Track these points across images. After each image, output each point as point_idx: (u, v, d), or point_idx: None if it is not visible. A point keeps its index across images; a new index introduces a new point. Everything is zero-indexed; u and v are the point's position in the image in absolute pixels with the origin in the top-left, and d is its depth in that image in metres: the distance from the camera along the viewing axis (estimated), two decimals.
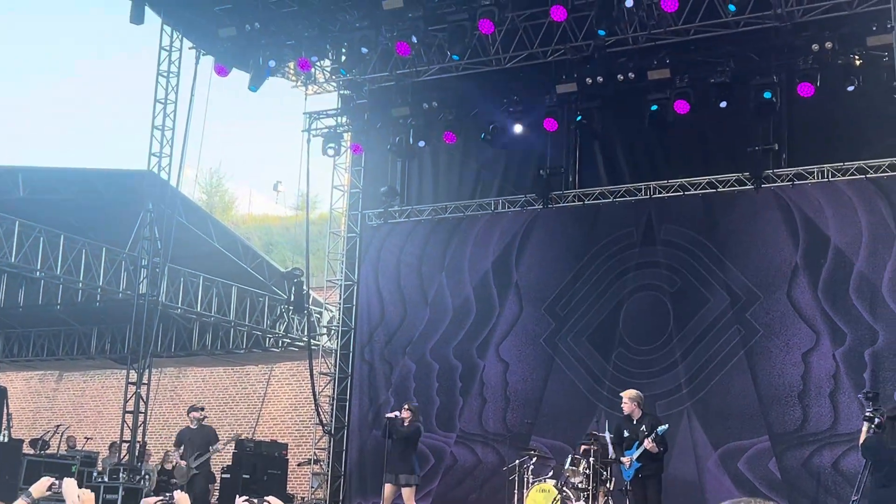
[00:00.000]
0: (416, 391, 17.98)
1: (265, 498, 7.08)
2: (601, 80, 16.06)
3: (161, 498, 6.46)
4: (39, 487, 6.32)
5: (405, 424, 14.65)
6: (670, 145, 16.82)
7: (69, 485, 6.46)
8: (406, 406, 14.80)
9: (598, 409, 15.83)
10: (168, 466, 20.26)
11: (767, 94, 15.09)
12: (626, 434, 13.04)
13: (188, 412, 16.52)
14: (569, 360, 17.00)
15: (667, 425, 12.77)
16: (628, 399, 13.13)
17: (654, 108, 15.72)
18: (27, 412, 27.80)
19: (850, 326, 15.14)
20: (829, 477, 14.77)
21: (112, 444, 19.71)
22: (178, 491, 7.78)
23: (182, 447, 15.83)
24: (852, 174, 15.64)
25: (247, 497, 8.30)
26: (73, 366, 26.28)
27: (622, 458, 13.05)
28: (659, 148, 16.98)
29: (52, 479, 6.49)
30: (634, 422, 12.98)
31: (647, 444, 12.52)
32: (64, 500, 6.56)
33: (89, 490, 6.25)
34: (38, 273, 17.14)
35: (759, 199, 16.19)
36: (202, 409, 16.58)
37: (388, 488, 14.59)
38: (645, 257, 16.87)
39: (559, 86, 16.43)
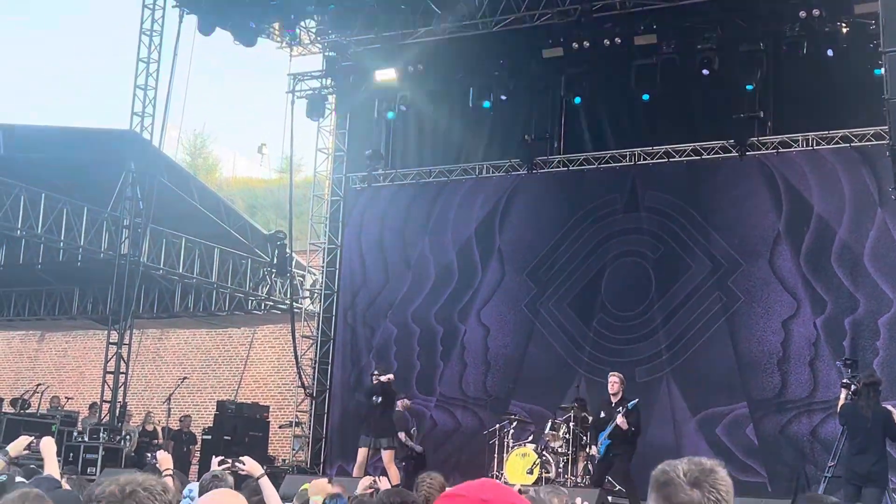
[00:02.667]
0: (397, 355, 17.99)
1: (240, 458, 7.10)
2: (587, 45, 16.01)
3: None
4: (17, 446, 6.29)
5: (389, 388, 14.79)
6: (655, 112, 16.74)
7: (47, 443, 6.44)
8: (383, 367, 14.95)
9: (578, 375, 15.86)
10: (149, 428, 20.27)
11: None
12: (602, 415, 13.09)
13: None
14: (550, 325, 17.02)
15: (637, 399, 12.83)
16: (618, 379, 13.19)
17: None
18: (9, 372, 27.72)
19: (830, 294, 15.18)
20: (807, 444, 14.86)
21: (93, 405, 19.68)
22: (161, 451, 7.78)
23: None
24: (837, 142, 15.62)
25: (223, 458, 8.33)
26: (55, 326, 26.18)
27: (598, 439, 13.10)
28: (644, 114, 16.91)
29: (31, 438, 6.47)
30: (613, 404, 13.05)
31: (619, 419, 12.58)
32: (42, 459, 6.55)
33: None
34: (18, 232, 17.02)
35: (743, 167, 16.17)
36: None
37: (362, 453, 14.63)
38: (628, 223, 16.86)
39: (545, 50, 16.37)
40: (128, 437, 18.24)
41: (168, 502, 3.20)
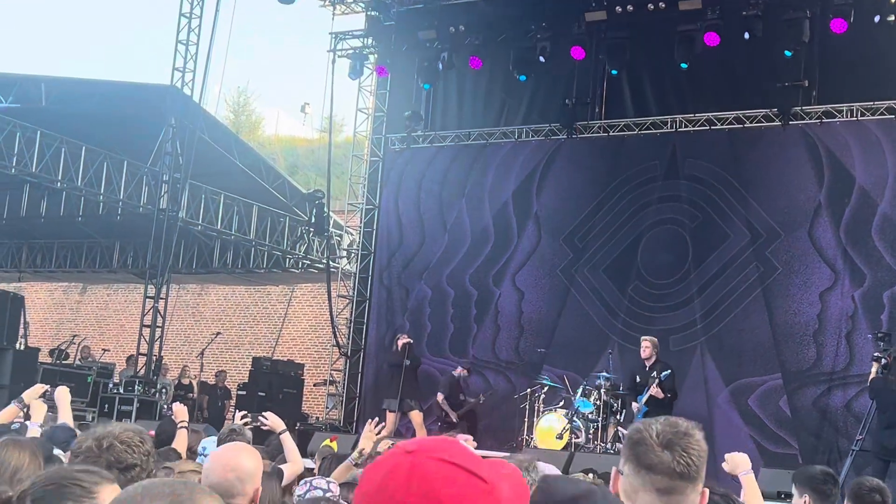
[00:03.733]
0: (431, 317, 18.02)
1: (263, 413, 7.16)
2: (631, 8, 15.82)
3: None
4: (31, 394, 6.38)
5: (412, 352, 14.97)
6: (699, 78, 16.49)
7: (61, 392, 6.52)
8: (404, 334, 15.11)
9: (612, 342, 15.80)
10: (185, 382, 20.52)
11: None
12: (637, 380, 13.19)
13: None
14: (584, 291, 16.94)
15: (669, 370, 12.86)
16: (651, 343, 13.22)
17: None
18: (51, 323, 28.13)
19: (870, 267, 14.96)
20: (840, 417, 14.70)
21: (129, 357, 19.93)
22: (177, 403, 7.85)
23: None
24: (882, 113, 15.33)
25: (245, 412, 8.40)
26: (95, 279, 26.51)
27: (633, 404, 13.20)
28: (687, 81, 16.67)
29: (46, 387, 6.56)
30: (647, 368, 13.08)
31: (653, 390, 12.63)
32: (56, 406, 6.63)
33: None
34: (58, 184, 17.20)
35: (785, 136, 15.93)
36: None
37: (392, 416, 14.79)
38: (667, 191, 16.69)
39: (588, 13, 16.18)
40: (163, 390, 18.47)
41: (147, 453, 3.21)
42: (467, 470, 1.68)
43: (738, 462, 4.83)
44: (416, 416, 15.28)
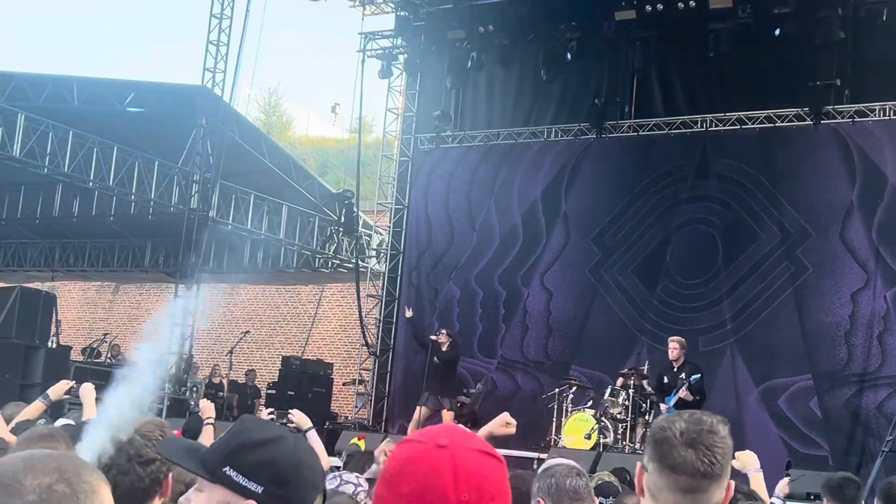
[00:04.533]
0: (460, 316, 18.01)
1: (289, 411, 7.18)
2: (661, 7, 15.75)
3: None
4: (57, 390, 6.42)
5: (444, 349, 14.89)
6: (729, 77, 16.40)
7: (86, 389, 6.57)
8: (445, 331, 14.99)
9: (641, 342, 15.76)
10: (216, 381, 20.63)
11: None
12: (665, 380, 13.14)
13: None
14: (613, 291, 16.88)
15: (700, 374, 12.81)
16: (679, 344, 13.18)
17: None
18: (84, 321, 28.37)
19: None
20: (872, 418, 14.56)
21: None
22: (204, 400, 7.90)
23: None
24: None
25: (272, 409, 8.43)
26: (127, 278, 26.70)
27: (661, 405, 13.16)
28: (717, 80, 16.59)
29: (71, 383, 6.60)
30: (675, 369, 13.04)
31: (682, 392, 12.60)
32: (81, 403, 6.68)
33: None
34: (90, 183, 17.35)
35: (817, 136, 15.80)
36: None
37: (421, 411, 14.86)
38: (697, 190, 16.61)
39: (618, 13, 16.13)
40: (194, 388, 18.57)
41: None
42: (492, 455, 1.76)
43: (747, 460, 4.93)
44: (445, 415, 15.29)
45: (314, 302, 25.54)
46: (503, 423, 5.05)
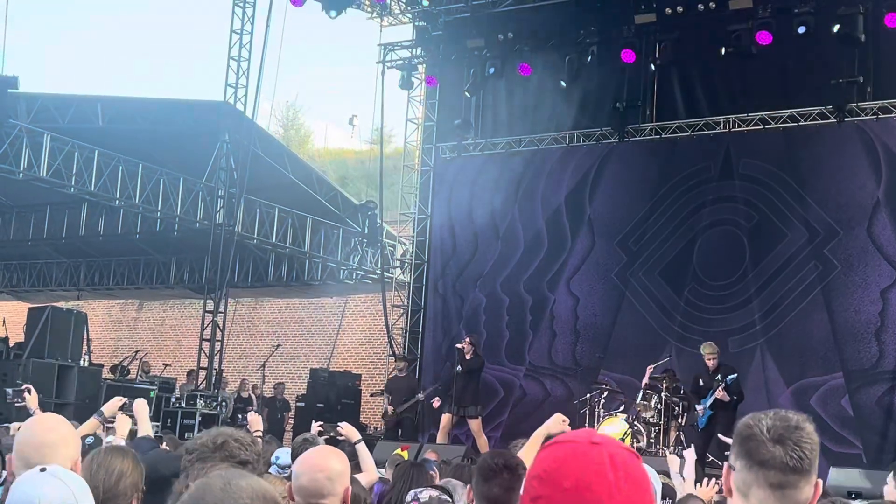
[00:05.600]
0: (487, 324, 18.03)
1: (339, 424, 7.21)
2: (681, 10, 15.76)
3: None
4: (111, 407, 6.49)
5: (467, 357, 15.00)
6: (751, 78, 16.40)
7: (140, 404, 6.63)
8: (468, 338, 15.12)
9: (669, 345, 15.75)
10: (245, 395, 20.68)
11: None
12: (701, 383, 13.21)
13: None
14: (640, 294, 16.87)
15: (735, 375, 12.91)
16: (713, 353, 13.30)
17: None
18: (109, 340, 28.48)
19: None
20: None
21: (190, 372, 20.13)
22: (252, 412, 7.95)
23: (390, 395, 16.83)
24: None
25: (321, 423, 8.46)
26: (153, 295, 26.82)
27: (696, 407, 13.19)
28: (739, 81, 16.58)
29: (124, 399, 6.66)
30: (711, 371, 13.10)
31: (719, 393, 12.67)
32: (135, 418, 6.73)
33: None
34: (116, 202, 17.48)
35: (841, 133, 15.76)
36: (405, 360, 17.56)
37: (446, 418, 14.99)
38: (722, 192, 16.60)
39: (637, 16, 16.13)
40: (224, 403, 18.62)
41: (257, 454, 3.30)
42: (633, 451, 1.94)
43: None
44: (472, 423, 15.36)
45: (338, 314, 25.58)
46: (559, 421, 5.11)
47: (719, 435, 11.89)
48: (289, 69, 52.95)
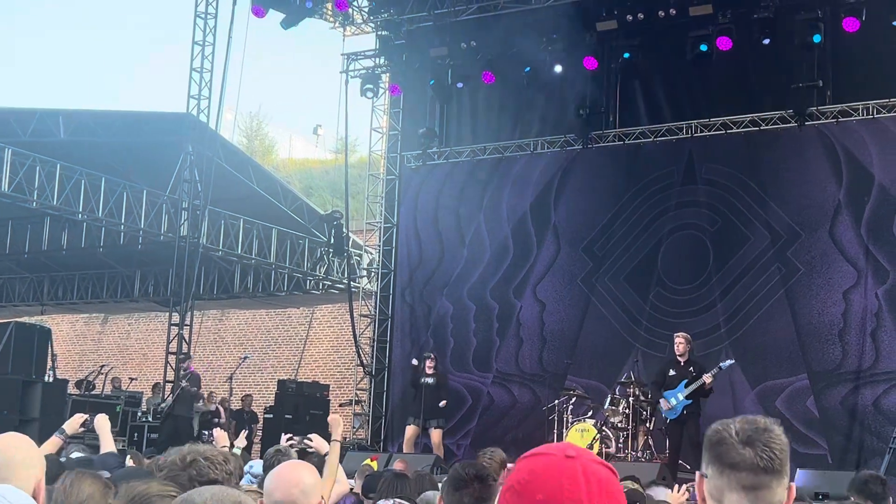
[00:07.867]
0: (454, 332, 18.04)
1: (308, 436, 7.19)
2: (642, 16, 15.85)
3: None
4: (73, 424, 6.44)
5: (429, 373, 15.04)
6: (712, 83, 16.54)
7: (101, 420, 6.58)
8: (429, 357, 15.17)
9: (635, 349, 15.82)
10: (212, 407, 20.56)
11: (817, 38, 14.79)
12: (671, 373, 13.19)
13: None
14: (606, 300, 16.95)
15: (732, 360, 13.40)
16: (685, 339, 13.35)
17: (704, 48, 15.44)
18: (73, 354, 28.25)
19: (893, 264, 14.95)
20: (869, 415, 14.66)
21: (156, 385, 20.01)
22: (217, 429, 7.90)
23: None
24: None
25: (291, 434, 8.43)
26: (117, 309, 26.63)
27: (660, 400, 13.22)
28: (700, 86, 16.71)
29: (85, 416, 6.61)
30: (682, 363, 13.13)
31: (707, 378, 12.77)
32: (98, 435, 6.69)
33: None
34: (80, 216, 17.36)
35: (802, 137, 15.93)
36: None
37: (411, 430, 15.00)
38: (685, 196, 16.72)
39: (599, 23, 16.22)
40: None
41: (228, 472, 3.28)
42: (608, 466, 1.94)
43: None
44: (434, 434, 15.33)
45: (305, 324, 25.53)
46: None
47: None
48: (252, 79, 52.74)
